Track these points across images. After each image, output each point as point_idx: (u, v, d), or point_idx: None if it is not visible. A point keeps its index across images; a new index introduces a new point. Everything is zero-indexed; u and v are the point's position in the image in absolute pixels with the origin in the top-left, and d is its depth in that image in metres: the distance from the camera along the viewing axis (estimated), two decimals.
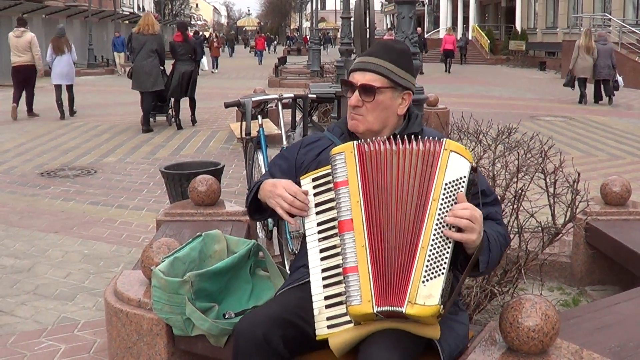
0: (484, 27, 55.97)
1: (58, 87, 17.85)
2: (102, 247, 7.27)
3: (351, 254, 2.82)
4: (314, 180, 3.05)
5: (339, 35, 28.62)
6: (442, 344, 2.92)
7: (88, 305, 5.71)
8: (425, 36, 45.12)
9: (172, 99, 15.97)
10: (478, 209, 2.82)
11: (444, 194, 2.81)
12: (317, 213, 3.00)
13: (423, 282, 2.72)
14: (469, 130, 5.44)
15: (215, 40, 42.78)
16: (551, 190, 4.92)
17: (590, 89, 22.05)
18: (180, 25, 17.36)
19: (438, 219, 2.78)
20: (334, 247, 2.90)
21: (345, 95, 3.29)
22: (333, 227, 2.93)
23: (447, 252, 2.77)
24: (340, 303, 2.86)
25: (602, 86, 21.77)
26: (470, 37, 54.88)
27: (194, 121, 16.29)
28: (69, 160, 12.08)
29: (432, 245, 2.76)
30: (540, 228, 4.90)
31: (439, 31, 60.66)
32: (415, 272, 2.74)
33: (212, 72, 36.48)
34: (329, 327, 2.89)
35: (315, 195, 3.03)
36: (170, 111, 16.32)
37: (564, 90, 23.50)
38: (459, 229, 2.77)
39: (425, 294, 2.71)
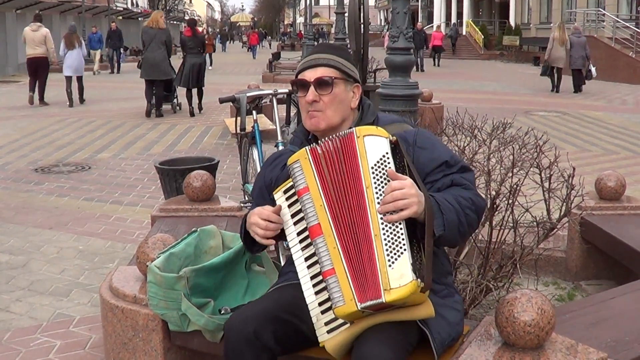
0: (478, 22, 56.02)
1: (69, 78, 19.70)
2: (97, 243, 7.27)
3: (326, 258, 2.84)
4: (284, 192, 3.07)
5: (332, 30, 28.46)
6: (433, 334, 2.93)
7: (83, 301, 5.71)
8: None
9: (184, 89, 17.39)
10: (406, 178, 2.83)
11: (374, 178, 2.84)
12: (295, 223, 3.02)
13: (390, 265, 2.74)
14: (463, 125, 5.43)
15: (206, 36, 42.43)
16: (546, 185, 4.92)
17: (568, 80, 23.72)
18: (190, 22, 18.93)
19: (378, 203, 2.81)
20: (315, 253, 2.92)
21: (298, 97, 3.26)
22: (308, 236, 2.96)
23: (401, 230, 2.78)
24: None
25: (575, 75, 23.87)
26: (464, 33, 54.96)
27: (200, 109, 17.68)
28: (63, 156, 12.07)
29: (383, 229, 2.78)
30: (535, 223, 4.89)
31: (432, 27, 60.70)
32: (379, 259, 2.76)
33: (208, 68, 36.30)
34: (328, 331, 2.93)
35: (289, 206, 3.04)
36: (175, 100, 17.94)
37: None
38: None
39: (397, 276, 2.73)
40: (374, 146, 2.89)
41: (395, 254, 2.75)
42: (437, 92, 16.14)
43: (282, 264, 4.34)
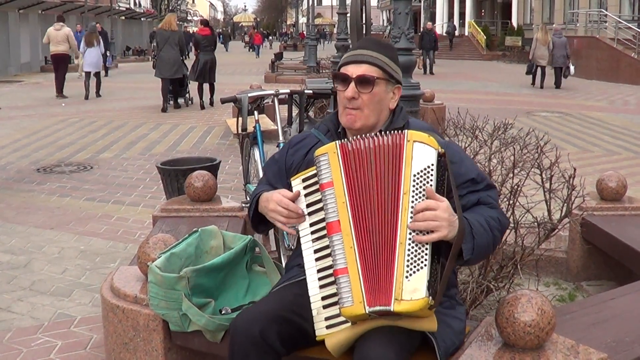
0: (480, 22, 56.00)
1: (87, 74, 21.64)
2: (99, 243, 7.27)
3: (340, 256, 2.82)
4: (303, 180, 3.05)
5: (335, 30, 28.52)
6: (438, 340, 2.93)
7: (84, 301, 5.71)
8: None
9: (197, 83, 18.84)
10: (442, 200, 2.80)
11: (414, 186, 2.80)
12: (309, 214, 3.00)
13: (406, 277, 2.72)
14: (465, 126, 5.44)
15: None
16: (547, 185, 4.92)
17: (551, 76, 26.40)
18: (204, 21, 20.67)
19: (412, 212, 2.78)
20: (327, 247, 2.90)
21: (336, 89, 3.23)
22: (324, 228, 2.93)
23: (426, 245, 2.76)
24: (336, 303, 2.86)
25: (556, 72, 26.16)
26: (466, 33, 54.96)
27: (212, 103, 18.96)
28: (65, 156, 12.07)
29: (409, 239, 2.76)
30: (536, 223, 4.90)
31: (435, 26, 60.67)
32: (397, 268, 2.74)
33: None
34: (327, 327, 2.91)
35: (306, 196, 3.02)
36: (187, 95, 19.42)
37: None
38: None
39: (411, 289, 2.71)
40: (421, 154, 2.83)
41: (415, 266, 2.73)
42: (439, 93, 16.12)
43: (283, 264, 4.34)
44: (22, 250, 7.05)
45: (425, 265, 2.73)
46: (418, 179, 2.81)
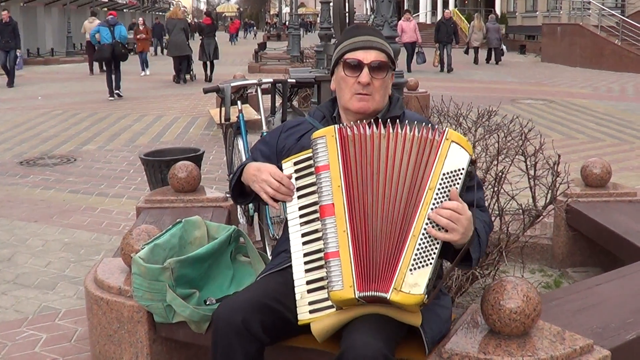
0: (464, 11, 55.96)
1: None
2: (83, 235, 7.24)
3: (332, 239, 2.80)
4: (295, 164, 3.03)
5: (318, 20, 28.52)
6: (425, 329, 2.92)
7: (69, 294, 5.69)
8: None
9: (201, 62, 23.89)
10: (467, 209, 2.79)
11: (440, 184, 2.78)
12: (299, 197, 2.99)
13: (410, 270, 2.71)
14: (449, 113, 5.43)
15: (142, 28, 28.24)
16: (532, 172, 4.92)
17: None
18: (208, 12, 26.40)
19: (432, 209, 2.76)
20: (316, 231, 2.89)
21: (343, 76, 3.21)
22: (314, 212, 2.91)
23: (438, 242, 2.75)
24: (322, 288, 2.85)
25: (493, 52, 32.65)
26: None
27: (211, 79, 23.43)
28: (48, 149, 12.01)
29: (423, 234, 2.75)
30: (521, 210, 4.90)
31: (418, 15, 60.61)
32: (404, 259, 2.73)
33: (146, 74, 27.17)
34: (310, 311, 2.89)
35: (297, 179, 3.01)
36: (191, 72, 24.10)
37: (544, 73, 23.61)
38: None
39: (412, 282, 2.70)
40: (456, 156, 2.82)
41: (422, 261, 2.73)
42: (423, 81, 16.13)
43: (268, 254, 4.32)
44: (5, 243, 7.01)
45: (431, 263, 2.73)
46: (446, 178, 2.80)
